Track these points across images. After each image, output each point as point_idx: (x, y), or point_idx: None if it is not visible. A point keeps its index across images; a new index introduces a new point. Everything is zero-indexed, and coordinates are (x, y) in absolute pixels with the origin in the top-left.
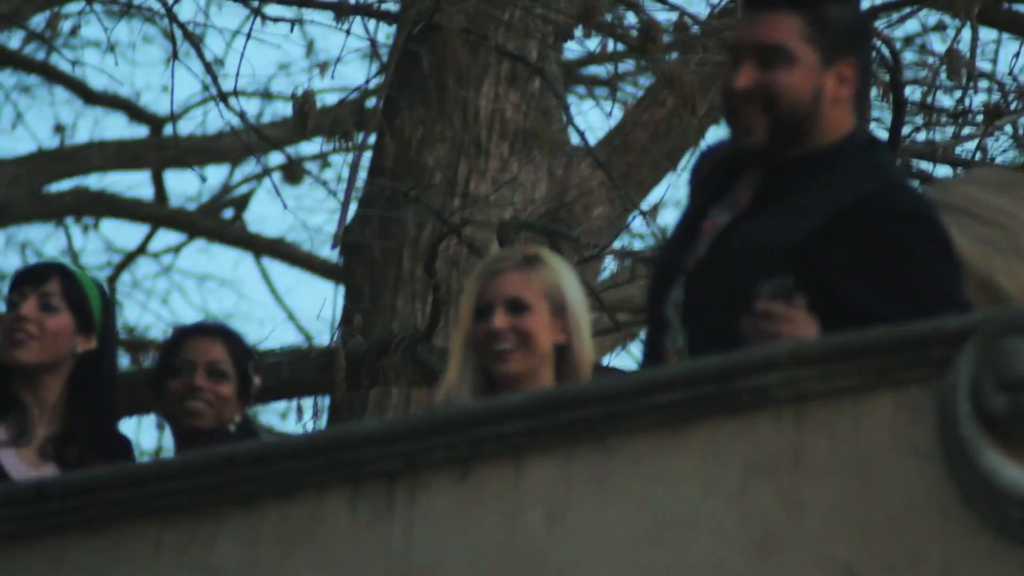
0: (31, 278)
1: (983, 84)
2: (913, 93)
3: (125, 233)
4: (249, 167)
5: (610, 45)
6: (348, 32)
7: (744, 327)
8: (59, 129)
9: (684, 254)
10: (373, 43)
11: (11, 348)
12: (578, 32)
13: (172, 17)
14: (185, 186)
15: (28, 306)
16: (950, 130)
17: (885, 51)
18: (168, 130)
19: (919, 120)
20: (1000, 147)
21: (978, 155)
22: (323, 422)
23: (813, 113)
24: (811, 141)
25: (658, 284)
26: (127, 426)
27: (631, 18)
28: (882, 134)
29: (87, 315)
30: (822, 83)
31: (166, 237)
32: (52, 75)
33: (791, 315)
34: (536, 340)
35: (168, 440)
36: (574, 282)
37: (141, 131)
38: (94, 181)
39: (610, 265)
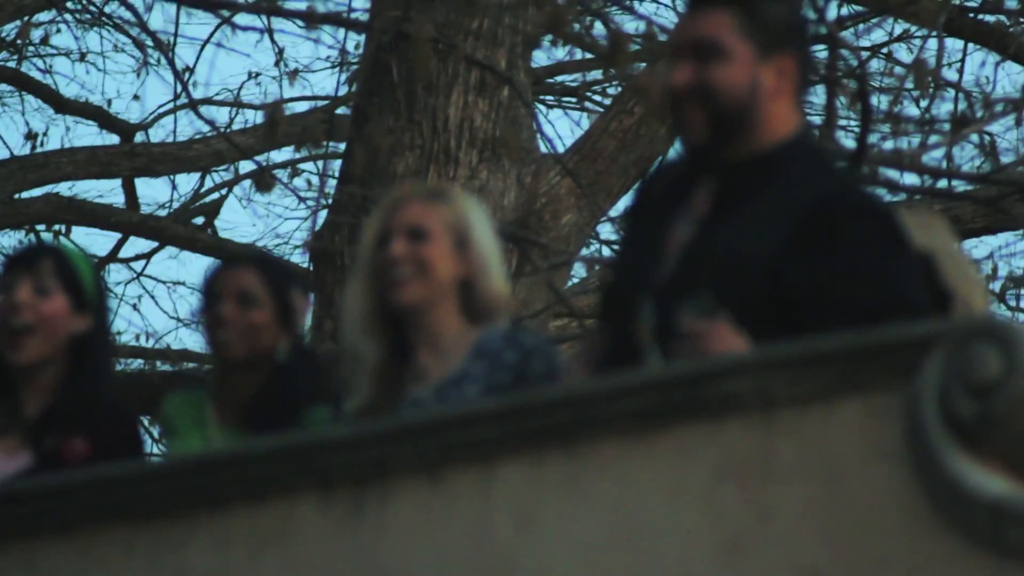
0: (23, 261)
1: (949, 93)
2: (880, 102)
3: (96, 240)
4: (220, 175)
5: (578, 54)
6: (317, 41)
7: (673, 350)
8: (30, 137)
9: (646, 271)
10: (343, 52)
11: (11, 350)
12: (546, 41)
13: (143, 26)
14: (156, 193)
15: (22, 293)
16: (917, 139)
17: (852, 60)
18: (139, 138)
19: (886, 128)
20: (966, 155)
21: (944, 163)
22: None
23: (750, 106)
24: (756, 138)
25: (622, 304)
26: None
27: (599, 28)
28: (849, 142)
29: (80, 294)
30: (758, 76)
31: (137, 244)
32: (23, 83)
33: (716, 331)
34: (434, 269)
35: None
36: (482, 219)
37: (112, 139)
38: (65, 188)
39: (579, 272)
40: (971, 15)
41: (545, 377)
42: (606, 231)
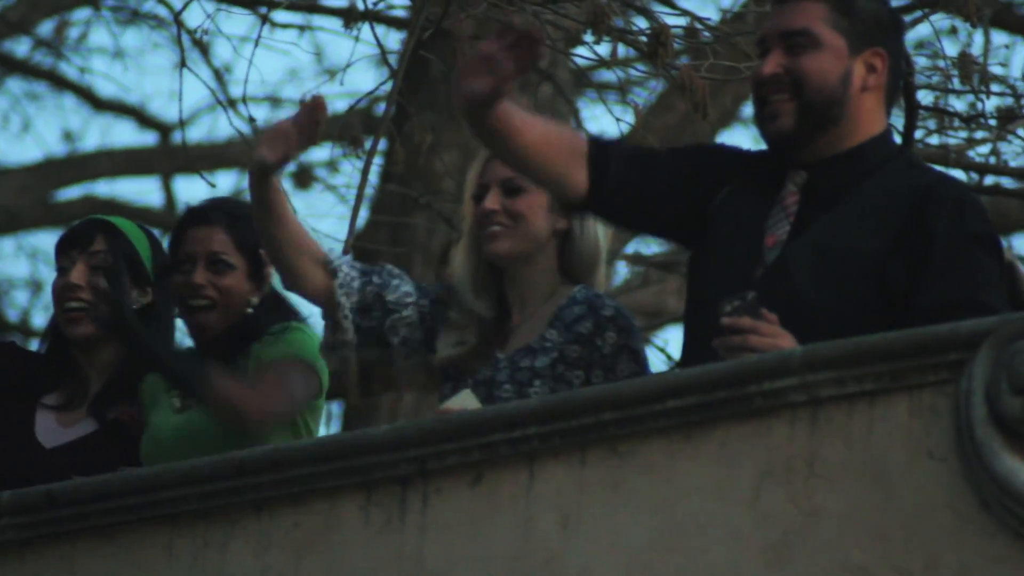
0: (77, 240)
1: (996, 88)
2: (925, 97)
3: None
4: None
5: (621, 50)
6: (357, 38)
7: (714, 346)
8: (67, 136)
9: (742, 268)
10: (382, 49)
11: (68, 324)
12: (588, 37)
13: (180, 24)
14: (194, 193)
15: (78, 272)
16: (963, 134)
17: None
18: (177, 137)
19: (932, 124)
20: (1013, 151)
21: (991, 159)
22: (335, 428)
23: (840, 98)
24: (844, 133)
25: (714, 294)
26: None
27: (642, 23)
28: (895, 138)
29: (139, 268)
30: (850, 69)
31: None
32: (60, 82)
33: (758, 327)
34: (528, 222)
35: None
36: None
37: (150, 138)
38: (103, 188)
39: (623, 271)
40: (1018, 8)
41: (615, 349)
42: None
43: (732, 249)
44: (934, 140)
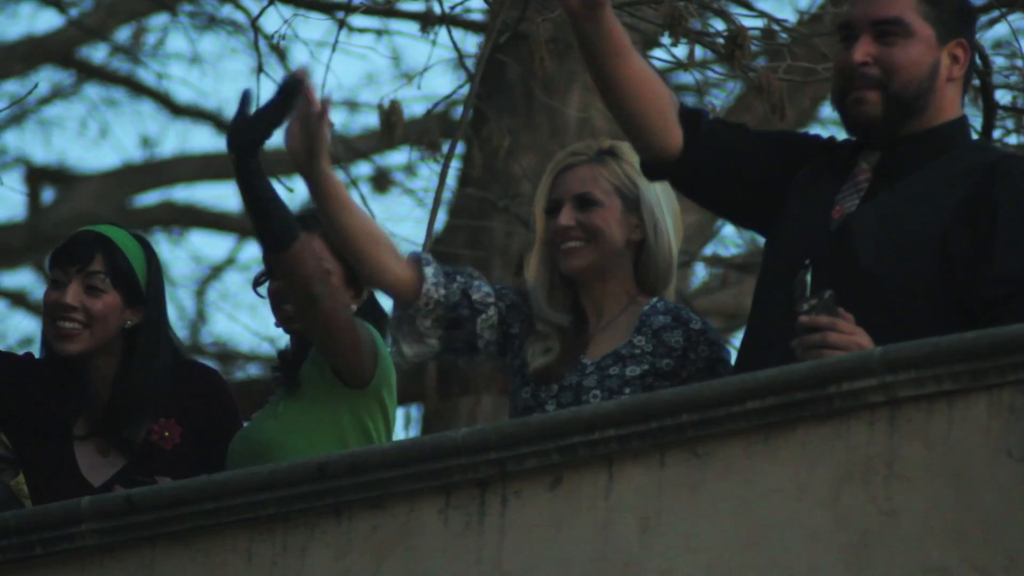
0: (74, 257)
1: None
2: (1003, 97)
3: (213, 245)
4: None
5: (698, 52)
6: (434, 42)
7: (793, 346)
8: (145, 142)
9: (806, 242)
10: (459, 53)
11: (59, 341)
12: (665, 39)
13: (257, 29)
14: None
15: (73, 292)
16: None
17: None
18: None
19: (1010, 124)
20: None
21: None
22: (414, 431)
23: (928, 89)
24: (924, 120)
25: (781, 266)
26: None
27: (719, 25)
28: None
29: (135, 289)
30: (938, 59)
31: (254, 248)
32: (138, 88)
33: (837, 324)
34: (605, 236)
35: None
36: (649, 183)
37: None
38: (181, 194)
39: (701, 272)
40: None
41: (708, 363)
42: (728, 231)
43: (801, 223)
44: (1012, 140)
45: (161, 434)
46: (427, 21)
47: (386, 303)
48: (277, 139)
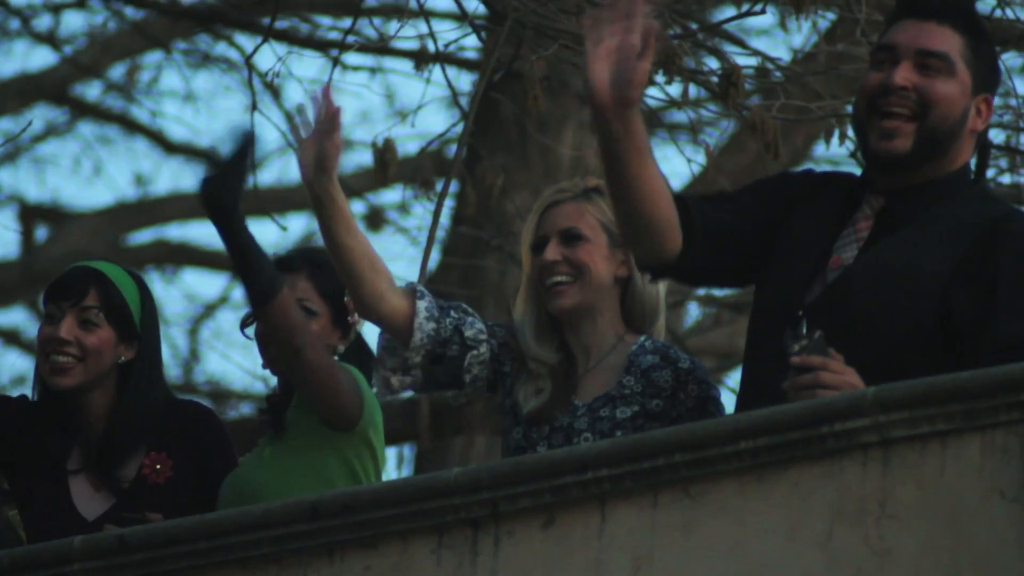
0: (68, 291)
1: None
2: (997, 136)
3: (206, 283)
4: None
5: (692, 91)
6: (428, 80)
7: (784, 388)
8: (139, 180)
9: (801, 288)
10: (453, 91)
11: (52, 375)
12: (659, 77)
13: (251, 67)
14: (266, 235)
15: (67, 326)
16: None
17: None
18: (248, 180)
19: (1003, 163)
20: None
21: None
22: (407, 471)
23: (958, 132)
24: (943, 165)
25: (774, 316)
26: None
27: (713, 63)
28: None
29: (128, 324)
30: (968, 107)
31: None
32: (131, 126)
33: (829, 364)
34: (592, 271)
35: None
36: None
37: None
38: (174, 232)
39: (694, 311)
40: None
41: (699, 402)
42: None
43: (795, 269)
44: (1006, 179)
45: (152, 467)
46: (421, 59)
47: (372, 342)
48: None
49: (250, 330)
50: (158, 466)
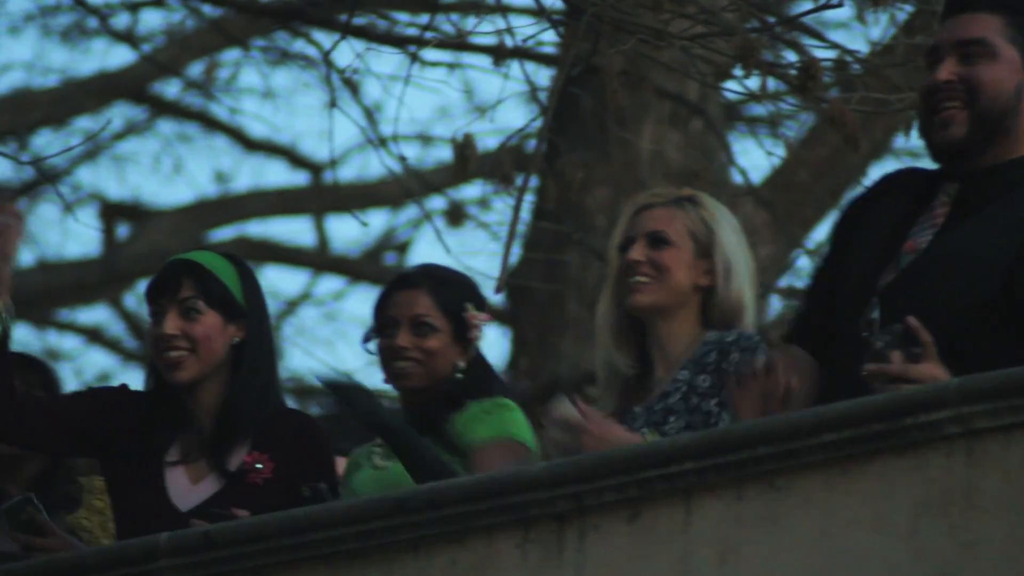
0: (163, 288)
1: None
2: None
3: (288, 280)
4: (410, 212)
5: (771, 84)
6: (507, 75)
7: (863, 373)
8: (219, 177)
9: (875, 274)
10: (532, 86)
11: (168, 370)
12: (738, 71)
13: (329, 63)
14: (346, 231)
15: (171, 321)
16: None
17: None
18: (328, 176)
19: None
20: None
21: None
22: None
23: (1013, 109)
24: (1009, 145)
25: (849, 300)
26: None
27: (791, 56)
28: None
29: (232, 304)
30: (1022, 82)
31: (329, 283)
32: (211, 123)
33: (908, 362)
34: (672, 275)
35: None
36: (730, 228)
37: (301, 177)
38: (255, 228)
39: (776, 304)
40: None
41: (742, 361)
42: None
43: (869, 253)
44: None
45: (253, 466)
46: (500, 54)
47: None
48: None
49: (372, 345)
50: (259, 465)
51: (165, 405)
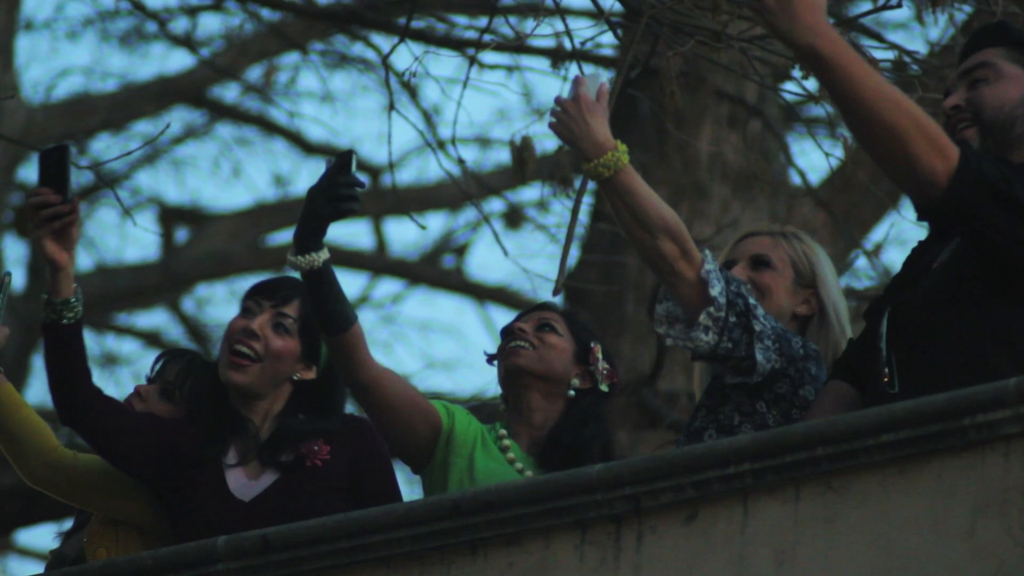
0: (274, 293)
1: None
2: None
3: (346, 282)
4: (468, 214)
5: None
6: (565, 78)
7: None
8: (278, 180)
9: (897, 288)
10: None
11: (228, 368)
12: (796, 72)
13: (388, 67)
14: (405, 234)
15: (260, 321)
16: None
17: None
18: (387, 179)
19: None
20: None
21: None
22: None
23: (1021, 117)
24: (1021, 152)
25: (872, 318)
26: None
27: None
28: None
29: (315, 346)
30: None
31: (387, 286)
32: (269, 127)
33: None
34: (773, 296)
35: None
36: (828, 267)
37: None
38: None
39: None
40: None
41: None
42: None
43: (901, 272)
44: None
45: (310, 448)
46: (558, 57)
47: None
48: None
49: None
50: (316, 447)
51: (221, 413)
